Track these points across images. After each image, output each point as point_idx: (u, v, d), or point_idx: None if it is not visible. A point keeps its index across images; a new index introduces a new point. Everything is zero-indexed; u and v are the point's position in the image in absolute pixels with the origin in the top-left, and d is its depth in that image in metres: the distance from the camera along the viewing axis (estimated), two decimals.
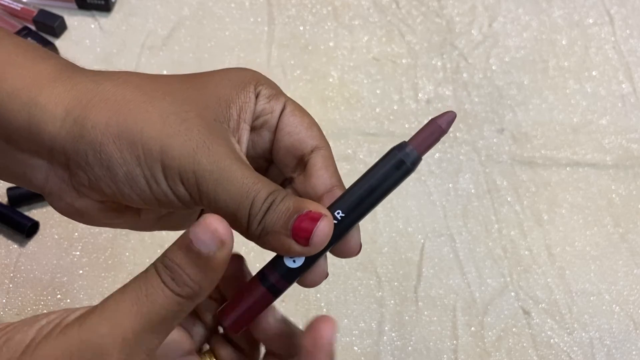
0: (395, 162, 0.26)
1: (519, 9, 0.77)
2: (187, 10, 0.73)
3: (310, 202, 0.26)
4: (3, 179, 0.29)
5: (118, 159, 0.25)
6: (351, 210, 0.26)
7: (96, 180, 0.26)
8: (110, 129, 0.25)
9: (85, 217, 0.29)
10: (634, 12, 0.77)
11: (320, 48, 0.71)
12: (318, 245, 0.25)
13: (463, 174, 0.64)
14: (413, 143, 0.26)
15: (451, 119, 0.26)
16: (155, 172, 0.25)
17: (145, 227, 0.31)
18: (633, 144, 0.67)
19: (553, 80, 0.71)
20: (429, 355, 0.54)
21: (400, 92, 0.69)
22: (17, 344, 0.23)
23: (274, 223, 0.25)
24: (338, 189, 0.28)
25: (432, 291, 0.57)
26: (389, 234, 0.59)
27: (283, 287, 0.27)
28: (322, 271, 0.28)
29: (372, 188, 0.26)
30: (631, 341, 0.55)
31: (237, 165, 0.25)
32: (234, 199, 0.25)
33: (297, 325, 0.30)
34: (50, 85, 0.26)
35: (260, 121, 0.29)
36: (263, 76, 0.30)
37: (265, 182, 0.26)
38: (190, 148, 0.25)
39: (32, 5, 0.69)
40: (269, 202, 0.25)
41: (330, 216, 0.26)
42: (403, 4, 0.76)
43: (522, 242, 0.60)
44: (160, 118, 0.25)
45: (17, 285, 0.54)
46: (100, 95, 0.26)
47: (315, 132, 0.29)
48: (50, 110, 0.25)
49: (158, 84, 0.27)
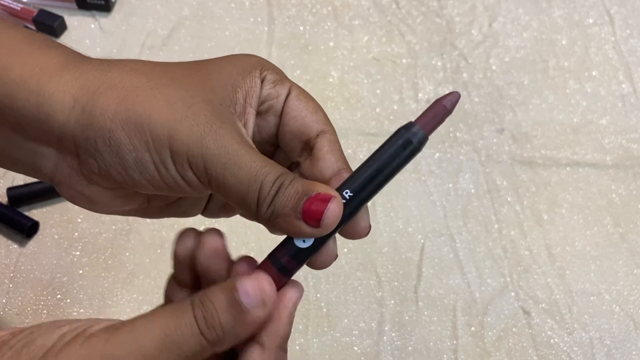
0: (403, 141, 0.26)
1: (519, 9, 0.77)
2: (187, 10, 0.73)
3: (319, 184, 0.26)
4: (12, 169, 0.29)
5: (127, 145, 0.25)
6: (359, 189, 0.27)
7: (106, 167, 0.26)
8: (119, 115, 0.25)
9: (94, 204, 0.29)
10: (634, 12, 0.77)
11: (320, 48, 0.71)
12: (329, 226, 0.25)
13: (463, 174, 0.64)
14: (420, 122, 0.26)
15: (455, 99, 0.26)
16: (164, 157, 0.26)
17: (154, 214, 0.32)
18: (633, 144, 0.67)
19: (553, 80, 0.71)
20: (429, 355, 0.54)
21: (400, 92, 0.69)
22: (38, 348, 0.23)
23: (283, 206, 0.25)
24: (345, 172, 0.28)
25: (432, 291, 0.57)
26: (389, 234, 0.59)
27: (293, 268, 0.27)
28: (332, 252, 0.28)
29: (380, 167, 0.27)
30: (631, 341, 0.55)
31: (244, 149, 0.26)
32: (242, 182, 0.25)
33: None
34: (57, 74, 0.26)
35: (265, 106, 0.29)
36: (268, 62, 0.30)
37: (272, 165, 0.26)
38: (198, 133, 0.25)
39: (32, 5, 0.69)
40: (278, 185, 0.25)
41: (339, 197, 0.26)
42: (403, 4, 0.76)
43: (522, 242, 0.60)
44: (167, 104, 0.26)
45: (17, 285, 0.54)
46: (107, 83, 0.26)
47: (320, 117, 0.29)
48: (58, 98, 0.25)
49: (164, 71, 0.27)
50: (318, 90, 0.68)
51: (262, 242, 0.55)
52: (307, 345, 0.53)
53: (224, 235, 0.29)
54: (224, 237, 0.29)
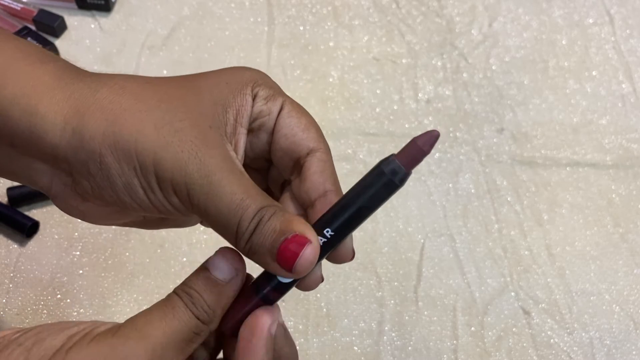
0: (385, 180, 0.26)
1: (519, 9, 0.77)
2: (187, 10, 0.73)
3: (297, 223, 0.25)
4: (11, 179, 0.29)
5: (116, 170, 0.25)
6: (341, 228, 0.26)
7: (99, 189, 0.26)
8: (107, 139, 0.25)
9: (90, 218, 0.29)
10: (634, 12, 0.77)
11: (320, 48, 0.71)
12: (302, 272, 0.25)
13: (463, 174, 0.64)
14: (400, 159, 0.26)
15: (433, 139, 0.25)
16: (151, 182, 0.26)
17: (150, 226, 0.32)
18: (633, 144, 0.67)
19: (553, 80, 0.71)
20: (429, 355, 0.54)
21: (400, 92, 0.69)
22: (48, 348, 0.24)
23: (260, 244, 0.25)
24: (331, 194, 0.28)
25: (432, 291, 0.57)
26: (389, 234, 0.59)
27: (276, 298, 0.28)
28: (316, 278, 0.28)
29: (360, 207, 0.26)
30: (631, 341, 0.55)
31: (228, 179, 0.25)
32: (222, 214, 0.25)
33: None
34: (49, 93, 0.26)
35: (257, 123, 0.29)
36: (261, 75, 0.29)
37: (254, 196, 0.25)
38: (182, 160, 0.25)
39: (32, 5, 0.69)
40: (257, 221, 0.25)
41: (315, 241, 0.25)
42: (403, 4, 0.76)
43: (522, 242, 0.60)
44: (154, 128, 0.25)
45: (17, 285, 0.54)
46: (97, 104, 0.26)
47: (312, 134, 0.29)
48: (50, 119, 0.25)
49: (154, 90, 0.27)
50: (318, 90, 0.68)
51: None
52: (307, 345, 0.53)
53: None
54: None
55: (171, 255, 0.56)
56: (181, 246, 0.57)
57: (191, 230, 0.56)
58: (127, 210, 0.27)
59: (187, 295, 0.26)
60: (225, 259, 0.26)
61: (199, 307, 0.26)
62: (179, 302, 0.26)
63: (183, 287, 0.26)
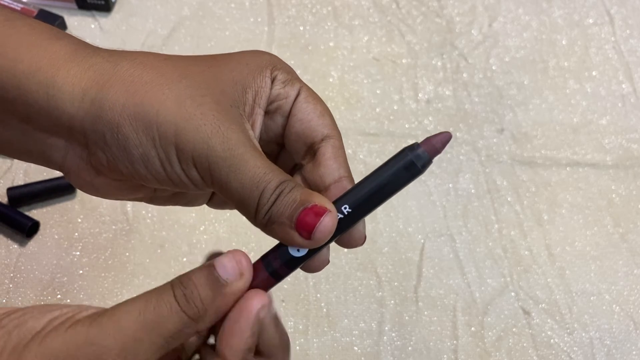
0: (406, 162, 0.26)
1: (519, 9, 0.77)
2: (187, 10, 0.73)
3: (317, 196, 0.26)
4: (23, 159, 0.29)
5: (134, 140, 0.25)
6: (358, 206, 0.27)
7: (114, 160, 0.26)
8: (127, 110, 0.25)
9: (102, 192, 0.29)
10: (634, 12, 0.77)
11: (320, 48, 0.71)
12: (320, 240, 0.25)
13: (463, 174, 0.64)
14: (425, 145, 0.26)
15: (446, 139, 0.26)
16: (170, 154, 0.26)
17: (160, 202, 0.32)
18: (633, 144, 0.67)
19: (553, 80, 0.71)
20: (429, 355, 0.54)
21: (400, 92, 0.69)
22: (28, 330, 0.24)
23: (280, 213, 0.25)
24: (346, 180, 0.28)
25: (432, 291, 0.57)
26: (389, 234, 0.59)
27: (285, 274, 0.28)
28: (324, 259, 0.28)
29: (381, 186, 0.26)
30: (631, 341, 0.55)
31: (250, 153, 0.26)
32: (244, 186, 0.25)
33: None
34: (66, 65, 0.26)
35: (274, 106, 0.29)
36: (280, 60, 0.30)
37: (276, 171, 0.26)
38: (205, 133, 0.25)
39: (32, 5, 0.69)
40: (278, 193, 0.25)
41: (334, 212, 0.26)
42: (403, 4, 0.76)
43: (522, 242, 0.60)
44: (176, 101, 0.25)
45: (17, 285, 0.54)
46: (117, 76, 0.26)
47: (327, 121, 0.29)
48: (67, 90, 0.25)
49: (175, 65, 0.27)
50: (318, 90, 0.67)
51: (263, 243, 0.55)
52: (307, 345, 0.53)
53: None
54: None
55: (171, 255, 0.56)
56: (181, 246, 0.57)
57: (191, 231, 0.56)
58: (142, 182, 0.27)
59: (182, 287, 0.25)
60: (233, 259, 0.26)
61: (190, 301, 0.25)
62: (167, 295, 0.25)
63: (181, 278, 0.26)
